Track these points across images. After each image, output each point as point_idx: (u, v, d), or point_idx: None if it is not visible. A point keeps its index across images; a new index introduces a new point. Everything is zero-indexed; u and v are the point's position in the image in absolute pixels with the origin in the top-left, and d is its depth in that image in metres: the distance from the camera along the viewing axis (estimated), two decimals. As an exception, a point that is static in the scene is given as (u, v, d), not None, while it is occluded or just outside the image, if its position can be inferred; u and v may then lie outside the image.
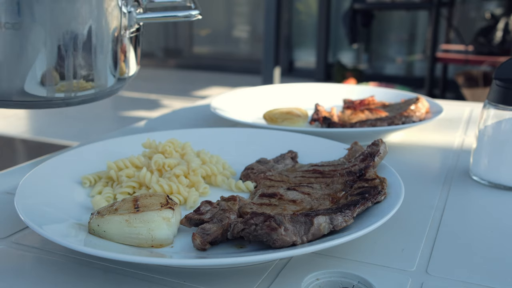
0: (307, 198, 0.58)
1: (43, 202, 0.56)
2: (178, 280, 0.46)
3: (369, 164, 0.60)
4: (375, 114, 0.97)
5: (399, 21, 5.25)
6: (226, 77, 6.00)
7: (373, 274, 0.47)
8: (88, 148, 0.72)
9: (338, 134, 0.83)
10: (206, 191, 0.65)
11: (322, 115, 0.94)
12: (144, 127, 1.04)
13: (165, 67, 6.84)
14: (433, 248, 0.53)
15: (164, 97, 5.04)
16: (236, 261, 0.44)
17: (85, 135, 3.72)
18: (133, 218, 0.50)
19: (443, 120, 1.05)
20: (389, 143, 0.90)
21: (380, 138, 0.63)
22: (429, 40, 3.93)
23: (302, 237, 0.48)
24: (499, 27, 3.62)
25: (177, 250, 0.50)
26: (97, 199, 0.60)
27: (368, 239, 0.54)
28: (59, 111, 4.44)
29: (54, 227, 0.50)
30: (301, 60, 5.97)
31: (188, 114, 1.14)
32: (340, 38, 5.29)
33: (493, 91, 0.69)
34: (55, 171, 0.64)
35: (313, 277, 0.47)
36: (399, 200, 0.53)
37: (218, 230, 0.50)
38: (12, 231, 0.55)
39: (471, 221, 0.60)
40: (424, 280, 0.47)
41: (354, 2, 4.04)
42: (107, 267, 0.48)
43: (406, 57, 5.22)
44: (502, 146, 0.68)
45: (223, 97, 1.09)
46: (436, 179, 0.73)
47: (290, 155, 0.72)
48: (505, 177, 0.69)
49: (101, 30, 0.64)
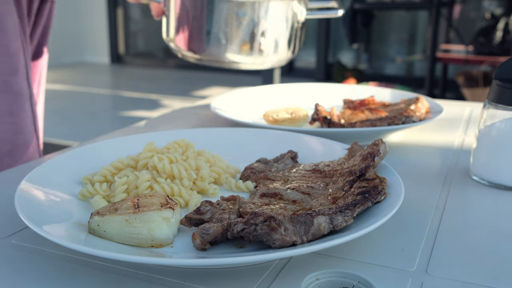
0: (307, 198, 0.58)
1: (43, 202, 0.56)
2: (178, 280, 0.46)
3: (369, 164, 0.60)
4: (375, 114, 0.97)
5: (399, 21, 5.25)
6: (226, 77, 6.00)
7: (373, 274, 0.47)
8: (88, 148, 0.72)
9: (338, 134, 0.83)
10: (216, 192, 0.65)
11: (322, 115, 0.94)
12: (144, 127, 1.04)
13: (165, 67, 6.84)
14: (433, 248, 0.53)
15: (164, 97, 5.05)
16: (236, 261, 0.44)
17: (85, 135, 3.72)
18: (133, 218, 0.50)
19: (443, 120, 1.05)
20: (389, 143, 0.90)
21: (380, 138, 0.63)
22: (429, 40, 3.93)
23: (302, 237, 0.48)
24: (499, 27, 3.62)
25: (177, 250, 0.50)
26: (97, 199, 0.59)
27: (368, 239, 0.54)
28: (59, 111, 4.44)
29: (54, 227, 0.50)
30: (301, 60, 5.97)
31: (188, 114, 1.14)
32: (340, 38, 5.29)
33: (493, 91, 0.69)
34: (55, 171, 0.64)
35: (313, 277, 0.47)
36: (399, 200, 0.53)
37: (218, 230, 0.50)
38: (12, 231, 0.55)
39: (471, 221, 0.60)
40: (424, 280, 0.47)
41: (354, 2, 4.04)
42: (107, 267, 0.48)
43: (406, 57, 5.23)
44: (502, 146, 0.68)
45: (223, 97, 1.09)
46: (436, 179, 0.73)
47: (290, 155, 0.72)
48: (505, 177, 0.69)
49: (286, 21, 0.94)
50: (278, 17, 0.92)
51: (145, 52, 7.30)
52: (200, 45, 0.91)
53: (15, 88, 0.91)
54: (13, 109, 0.92)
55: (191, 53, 0.93)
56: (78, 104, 4.86)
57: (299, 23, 0.96)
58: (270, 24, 0.91)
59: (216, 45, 0.90)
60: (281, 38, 0.94)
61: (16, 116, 0.92)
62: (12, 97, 0.91)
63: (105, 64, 7.22)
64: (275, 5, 0.91)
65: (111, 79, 6.45)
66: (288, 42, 0.95)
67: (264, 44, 0.92)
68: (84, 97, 5.15)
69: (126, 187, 0.62)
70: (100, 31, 7.22)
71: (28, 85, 0.95)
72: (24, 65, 0.94)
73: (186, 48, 0.93)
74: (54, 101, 4.77)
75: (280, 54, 0.96)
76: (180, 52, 0.96)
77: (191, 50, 0.93)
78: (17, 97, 0.92)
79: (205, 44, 0.91)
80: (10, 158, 0.92)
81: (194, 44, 0.92)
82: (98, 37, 7.25)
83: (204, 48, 0.91)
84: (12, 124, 0.92)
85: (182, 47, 0.93)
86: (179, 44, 0.94)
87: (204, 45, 0.91)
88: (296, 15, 0.94)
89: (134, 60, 7.15)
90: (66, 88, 5.53)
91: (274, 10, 0.90)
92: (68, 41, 7.04)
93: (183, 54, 0.95)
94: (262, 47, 0.92)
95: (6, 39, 0.89)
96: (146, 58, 7.08)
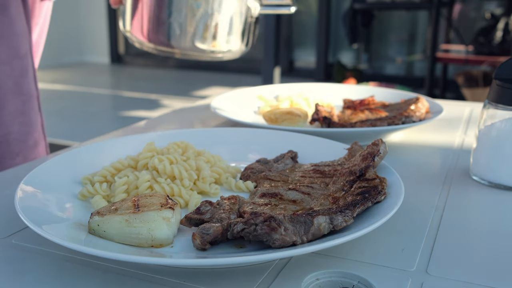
0: (307, 198, 0.58)
1: (43, 202, 0.56)
2: (178, 280, 0.46)
3: (369, 164, 0.60)
4: (375, 114, 0.97)
5: (399, 21, 5.25)
6: (226, 77, 6.00)
7: (373, 274, 0.47)
8: (88, 148, 0.72)
9: (338, 134, 0.83)
10: (217, 192, 0.65)
11: (322, 115, 0.94)
12: (144, 127, 1.04)
13: (165, 67, 6.84)
14: (433, 248, 0.53)
15: (164, 97, 5.04)
16: (236, 261, 0.44)
17: (85, 135, 3.72)
18: (133, 218, 0.50)
19: (443, 120, 1.05)
20: (389, 143, 0.90)
21: (380, 138, 0.63)
22: (429, 40, 3.93)
23: (302, 237, 0.48)
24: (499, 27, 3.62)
25: (177, 250, 0.50)
26: (97, 199, 0.59)
27: (368, 239, 0.54)
28: (59, 111, 4.44)
29: (54, 227, 0.50)
30: (301, 60, 5.97)
31: (188, 114, 1.14)
32: (340, 38, 5.29)
33: (493, 91, 0.69)
34: (55, 171, 0.64)
35: (313, 277, 0.47)
36: (399, 200, 0.53)
37: (218, 230, 0.50)
38: (12, 231, 0.55)
39: (471, 221, 0.60)
40: (424, 280, 0.47)
41: (354, 2, 4.04)
42: (107, 267, 0.48)
43: (406, 57, 5.22)
44: (502, 146, 0.68)
45: (223, 97, 1.09)
46: (436, 179, 0.73)
47: (290, 155, 0.72)
48: (505, 177, 0.69)
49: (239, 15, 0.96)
50: (231, 10, 0.94)
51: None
52: (155, 35, 0.93)
53: (25, 90, 0.94)
54: (24, 110, 0.94)
55: (147, 42, 0.95)
56: (78, 104, 4.86)
57: (252, 17, 0.98)
58: (223, 17, 0.93)
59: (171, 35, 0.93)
60: (234, 32, 0.96)
61: (27, 117, 0.95)
62: (23, 99, 0.93)
63: (105, 64, 7.22)
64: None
65: (111, 79, 6.45)
66: (241, 35, 0.97)
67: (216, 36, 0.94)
68: (84, 97, 5.15)
69: (126, 187, 0.62)
70: (100, 31, 7.22)
71: (36, 86, 0.97)
72: (32, 66, 0.96)
73: (142, 38, 0.95)
74: (54, 101, 4.77)
75: (233, 46, 0.97)
76: (137, 43, 0.97)
77: (147, 39, 0.95)
78: (27, 99, 0.94)
79: (160, 35, 0.93)
80: (22, 158, 0.94)
81: (149, 34, 0.94)
82: (98, 37, 7.25)
83: (159, 38, 0.93)
84: (24, 125, 0.94)
85: (139, 36, 0.95)
86: (136, 34, 0.95)
87: (159, 35, 0.93)
88: (250, 9, 0.96)
89: (134, 60, 7.15)
90: (66, 88, 5.53)
91: (227, 4, 0.93)
92: (68, 41, 7.04)
93: (140, 44, 0.97)
94: (214, 39, 0.94)
95: (17, 42, 0.91)
96: (146, 58, 7.07)
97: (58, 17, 5.66)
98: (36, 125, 0.97)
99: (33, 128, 0.96)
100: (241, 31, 0.97)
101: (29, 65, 0.95)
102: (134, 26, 0.95)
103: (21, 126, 0.93)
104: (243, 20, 0.96)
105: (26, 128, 0.95)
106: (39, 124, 0.99)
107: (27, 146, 0.95)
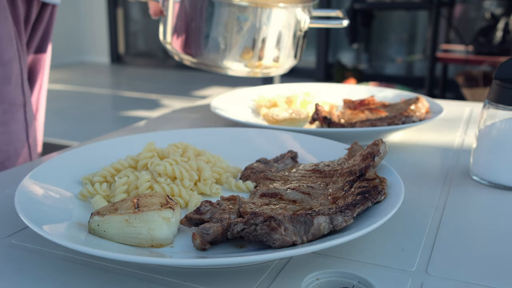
0: (307, 198, 0.58)
1: (43, 202, 0.56)
2: (178, 280, 0.46)
3: (369, 164, 0.60)
4: (375, 114, 0.97)
5: (399, 21, 5.25)
6: (226, 77, 6.00)
7: (373, 274, 0.47)
8: (88, 148, 0.72)
9: (338, 134, 0.83)
10: (218, 192, 0.65)
11: (322, 115, 0.94)
12: (144, 127, 1.04)
13: (165, 67, 6.83)
14: (433, 248, 0.53)
15: (164, 97, 5.04)
16: (236, 261, 0.44)
17: (85, 135, 3.72)
18: (133, 218, 0.50)
19: (443, 120, 1.05)
20: (389, 143, 0.90)
21: (380, 138, 0.63)
22: (429, 40, 3.93)
23: (302, 237, 0.48)
24: (499, 27, 3.62)
25: (177, 250, 0.50)
26: (97, 199, 0.59)
27: (368, 239, 0.54)
28: (60, 111, 4.44)
29: (54, 227, 0.50)
30: (301, 60, 5.95)
31: (188, 114, 1.14)
32: (340, 38, 5.29)
33: (493, 91, 0.69)
34: (55, 171, 0.64)
35: (313, 277, 0.47)
36: (399, 200, 0.53)
37: (218, 230, 0.50)
38: (12, 231, 0.55)
39: (471, 221, 0.60)
40: (424, 280, 0.47)
41: (354, 2, 4.04)
42: (107, 267, 0.48)
43: (406, 57, 5.22)
44: (502, 146, 0.68)
45: (223, 97, 1.09)
46: (436, 179, 0.73)
47: (290, 155, 0.72)
48: (505, 177, 0.69)
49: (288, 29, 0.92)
50: (280, 24, 0.89)
51: (145, 52, 7.30)
52: (197, 49, 0.89)
53: (7, 98, 0.90)
54: (5, 119, 0.90)
55: (188, 56, 0.91)
56: (78, 104, 4.86)
57: (301, 31, 0.93)
58: (272, 31, 0.88)
59: (214, 50, 0.88)
60: (283, 46, 0.91)
61: (7, 126, 0.90)
62: (4, 107, 0.89)
63: (105, 64, 7.22)
64: (278, 11, 0.88)
65: (111, 79, 6.45)
66: (289, 50, 0.93)
67: (264, 51, 0.89)
68: (84, 97, 5.15)
69: (126, 187, 0.62)
70: (100, 31, 7.22)
71: (23, 93, 0.93)
72: (19, 73, 0.92)
73: (182, 51, 0.91)
74: (54, 101, 4.77)
75: (281, 62, 0.93)
76: (177, 55, 0.94)
77: (188, 53, 0.91)
78: (9, 107, 0.90)
79: (203, 48, 0.88)
80: (3, 169, 0.90)
81: (191, 47, 0.90)
82: (98, 37, 7.25)
83: (201, 52, 0.89)
84: (4, 135, 0.90)
85: (179, 49, 0.91)
86: (176, 47, 0.92)
87: (202, 49, 0.89)
88: (299, 23, 0.91)
89: (134, 60, 7.15)
90: (66, 88, 5.53)
91: (276, 17, 0.88)
92: (68, 41, 7.04)
93: (180, 57, 0.93)
94: (262, 55, 0.90)
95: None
96: (146, 58, 7.07)
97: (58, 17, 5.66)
98: (18, 134, 0.92)
99: (15, 138, 0.91)
100: (290, 46, 0.92)
101: (13, 72, 0.90)
102: (175, 39, 0.91)
103: (1, 136, 0.89)
104: (291, 34, 0.91)
105: (7, 138, 0.90)
106: (23, 133, 0.94)
107: (9, 157, 0.91)
